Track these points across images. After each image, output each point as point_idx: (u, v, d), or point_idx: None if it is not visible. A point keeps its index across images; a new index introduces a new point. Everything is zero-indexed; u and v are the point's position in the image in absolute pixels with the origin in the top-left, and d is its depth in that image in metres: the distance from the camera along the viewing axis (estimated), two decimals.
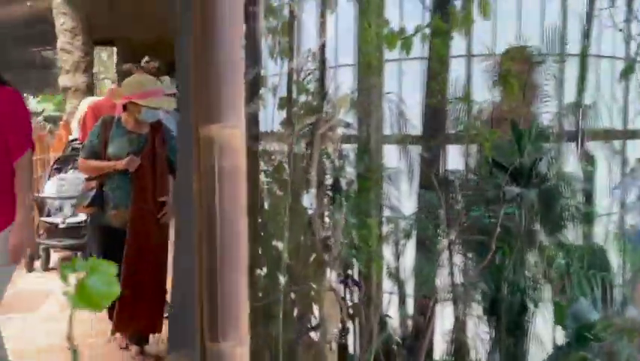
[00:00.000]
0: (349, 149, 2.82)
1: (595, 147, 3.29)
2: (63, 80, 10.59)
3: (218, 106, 1.10)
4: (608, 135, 3.27)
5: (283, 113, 2.39)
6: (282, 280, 2.24)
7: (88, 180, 4.17)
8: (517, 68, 3.27)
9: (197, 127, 1.06)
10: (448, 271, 2.86)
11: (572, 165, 3.20)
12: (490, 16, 2.84)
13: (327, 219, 2.45)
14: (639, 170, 3.40)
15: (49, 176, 6.72)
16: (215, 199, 1.06)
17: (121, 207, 3.90)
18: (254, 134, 2.28)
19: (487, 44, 3.03)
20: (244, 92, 1.11)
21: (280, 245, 2.24)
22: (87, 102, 6.85)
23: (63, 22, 10.58)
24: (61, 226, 6.31)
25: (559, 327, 3.17)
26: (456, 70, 3.08)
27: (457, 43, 2.97)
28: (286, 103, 2.33)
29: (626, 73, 3.12)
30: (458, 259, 2.94)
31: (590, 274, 3.13)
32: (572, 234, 3.20)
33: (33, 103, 12.54)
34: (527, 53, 3.35)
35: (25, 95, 11.95)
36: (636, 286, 3.95)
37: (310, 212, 2.40)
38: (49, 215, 6.53)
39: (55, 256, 7.08)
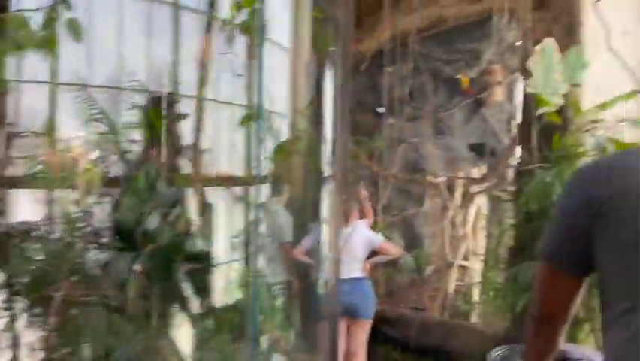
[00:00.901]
0: None
1: (215, 193, 3.16)
2: None
3: None
4: (229, 181, 3.18)
5: None
6: None
7: None
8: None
9: None
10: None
11: (190, 213, 2.98)
12: (81, 39, 2.48)
13: None
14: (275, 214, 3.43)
15: None
16: None
17: None
18: None
19: (79, 73, 2.65)
20: None
21: None
22: None
23: None
24: None
25: None
26: (36, 97, 2.61)
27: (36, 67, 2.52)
28: None
29: (248, 120, 3.10)
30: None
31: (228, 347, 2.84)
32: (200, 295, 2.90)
33: None
34: (173, 99, 3.08)
35: None
36: None
37: None
38: None
39: None
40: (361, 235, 5.00)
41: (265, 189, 3.38)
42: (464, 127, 7.85)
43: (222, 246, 3.12)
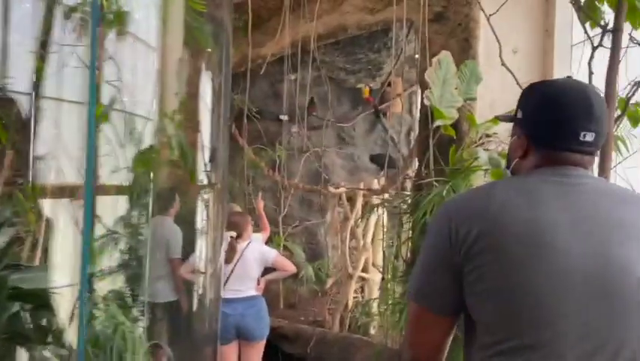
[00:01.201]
0: None
1: (57, 206, 2.72)
2: None
3: None
4: (73, 192, 2.74)
5: None
6: None
7: None
8: None
9: None
10: None
11: (24, 236, 2.51)
12: None
13: None
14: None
15: None
16: None
17: None
18: None
19: None
20: None
21: None
22: None
23: None
24: None
25: None
26: None
27: None
28: None
29: (100, 121, 2.70)
30: None
31: None
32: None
33: None
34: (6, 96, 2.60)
35: None
36: None
37: None
38: None
39: None
40: (255, 251, 4.74)
41: (127, 201, 2.98)
42: (366, 137, 7.83)
43: (70, 271, 2.67)
